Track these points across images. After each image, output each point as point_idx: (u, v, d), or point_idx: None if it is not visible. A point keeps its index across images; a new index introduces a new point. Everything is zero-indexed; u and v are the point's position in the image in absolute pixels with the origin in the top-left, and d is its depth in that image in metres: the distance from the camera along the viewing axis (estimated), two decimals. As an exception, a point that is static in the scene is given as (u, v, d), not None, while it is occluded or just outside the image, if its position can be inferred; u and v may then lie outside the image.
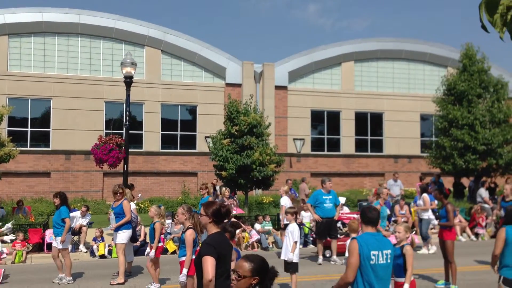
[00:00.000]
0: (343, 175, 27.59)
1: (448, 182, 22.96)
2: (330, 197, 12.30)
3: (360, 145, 28.30)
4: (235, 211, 15.27)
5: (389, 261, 4.65)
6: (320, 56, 27.61)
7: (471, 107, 20.55)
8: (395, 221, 14.61)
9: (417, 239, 13.91)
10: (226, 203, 13.14)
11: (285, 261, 8.65)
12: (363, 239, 4.62)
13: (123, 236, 10.00)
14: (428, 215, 13.90)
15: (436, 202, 14.05)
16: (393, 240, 6.97)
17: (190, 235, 6.90)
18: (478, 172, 20.54)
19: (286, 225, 15.75)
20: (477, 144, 19.83)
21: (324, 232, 12.13)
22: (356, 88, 28.50)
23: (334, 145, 27.99)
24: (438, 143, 21.55)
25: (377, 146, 28.72)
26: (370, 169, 28.10)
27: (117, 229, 9.98)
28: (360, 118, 28.38)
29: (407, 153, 28.81)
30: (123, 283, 9.71)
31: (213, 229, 4.57)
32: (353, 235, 8.47)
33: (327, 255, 12.34)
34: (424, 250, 13.64)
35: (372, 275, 4.53)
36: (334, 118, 28.04)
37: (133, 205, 10.95)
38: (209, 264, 4.22)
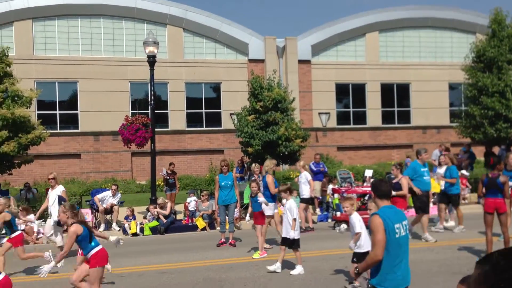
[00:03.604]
0: (370, 148, 27.34)
1: (479, 151, 22.47)
2: (426, 169, 11.72)
3: (387, 117, 27.92)
4: None
5: (407, 232, 4.60)
6: (343, 28, 27.11)
7: (501, 74, 19.96)
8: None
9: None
10: (255, 179, 13.25)
11: (286, 238, 8.60)
12: (385, 214, 4.42)
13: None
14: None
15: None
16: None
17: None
18: (510, 140, 20.07)
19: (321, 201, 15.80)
20: (508, 111, 19.32)
21: (427, 205, 11.56)
22: (381, 59, 27.96)
23: (360, 118, 27.68)
24: (468, 112, 21.06)
25: (405, 117, 28.28)
26: (397, 141, 27.75)
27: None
28: (386, 90, 27.92)
29: (435, 124, 28.29)
30: None
31: None
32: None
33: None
34: (450, 223, 13.37)
35: (399, 249, 4.42)
36: (359, 90, 27.66)
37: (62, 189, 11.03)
38: None
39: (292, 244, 8.55)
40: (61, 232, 10.72)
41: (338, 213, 13.87)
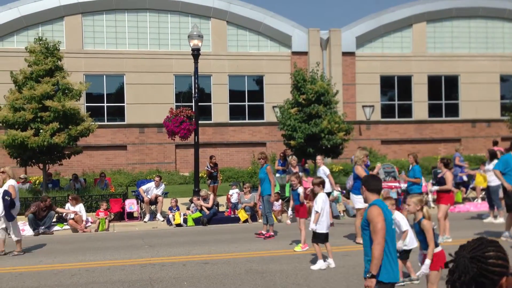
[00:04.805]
0: (415, 141, 26.68)
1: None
2: None
3: (434, 110, 27.15)
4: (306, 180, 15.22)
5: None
6: (389, 19, 26.49)
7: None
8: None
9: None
10: (295, 172, 13.20)
11: (313, 232, 8.59)
12: (381, 204, 4.60)
13: None
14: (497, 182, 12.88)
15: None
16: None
17: None
18: None
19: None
20: None
21: None
22: (428, 51, 27.17)
23: (406, 111, 27.05)
24: (520, 105, 20.20)
25: (453, 110, 27.42)
26: (445, 135, 26.96)
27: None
28: (434, 82, 27.14)
29: (485, 117, 27.29)
30: None
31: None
32: None
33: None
34: (490, 219, 12.92)
35: (393, 240, 4.56)
36: (405, 83, 27.01)
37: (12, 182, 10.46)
38: None
39: (314, 237, 8.51)
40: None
41: None
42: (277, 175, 16.53)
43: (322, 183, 8.91)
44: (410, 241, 7.23)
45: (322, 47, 26.18)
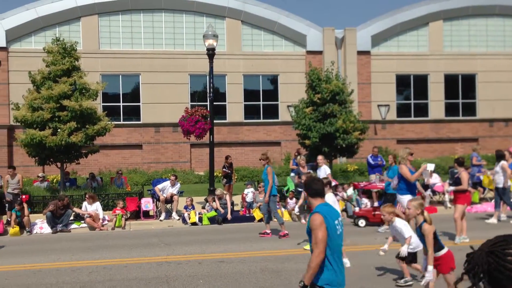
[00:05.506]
0: (431, 141, 26.44)
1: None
2: None
3: (451, 109, 26.88)
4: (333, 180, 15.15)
5: (342, 229, 4.46)
6: (405, 17, 26.29)
7: None
8: None
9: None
10: (307, 172, 13.20)
11: None
12: (324, 211, 4.28)
13: None
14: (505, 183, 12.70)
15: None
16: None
17: None
18: None
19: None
20: None
21: None
22: (445, 49, 26.90)
23: (422, 110, 26.82)
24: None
25: (470, 109, 27.11)
26: (461, 134, 26.67)
27: None
28: (450, 81, 26.87)
29: (503, 116, 26.93)
30: None
31: None
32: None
33: None
34: (493, 220, 12.74)
35: (338, 247, 4.32)
36: (421, 82, 26.78)
37: None
38: None
39: None
40: None
41: (357, 209, 13.56)
42: (292, 174, 16.52)
43: (328, 184, 8.85)
44: (416, 244, 7.22)
45: (337, 46, 26.08)
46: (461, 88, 27.05)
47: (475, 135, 26.71)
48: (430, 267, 5.76)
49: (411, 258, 7.39)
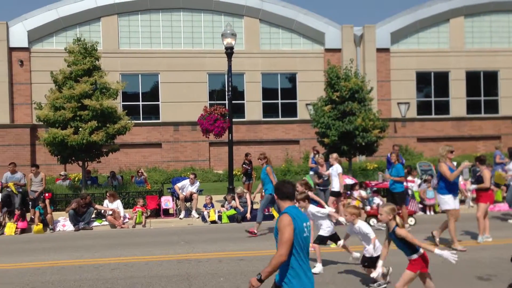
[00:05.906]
0: (453, 139, 26.06)
1: None
2: None
3: (472, 107, 26.47)
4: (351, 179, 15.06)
5: (310, 233, 4.39)
6: (425, 14, 25.97)
7: None
8: None
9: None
10: (321, 171, 13.19)
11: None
12: (293, 212, 4.27)
13: None
14: None
15: None
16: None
17: None
18: None
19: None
20: None
21: None
22: (466, 46, 26.50)
23: (443, 107, 26.47)
24: None
25: (492, 107, 26.67)
26: (484, 132, 26.26)
27: None
28: (472, 78, 26.46)
29: (526, 114, 26.43)
30: None
31: None
32: None
33: None
34: None
35: (304, 249, 4.28)
36: (442, 79, 26.43)
37: None
38: None
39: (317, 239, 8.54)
40: None
41: (368, 208, 13.40)
42: (311, 172, 16.46)
43: (307, 198, 8.54)
44: (378, 248, 7.21)
45: (355, 44, 25.89)
46: (483, 85, 26.63)
47: (497, 132, 26.27)
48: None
49: (370, 262, 7.28)
